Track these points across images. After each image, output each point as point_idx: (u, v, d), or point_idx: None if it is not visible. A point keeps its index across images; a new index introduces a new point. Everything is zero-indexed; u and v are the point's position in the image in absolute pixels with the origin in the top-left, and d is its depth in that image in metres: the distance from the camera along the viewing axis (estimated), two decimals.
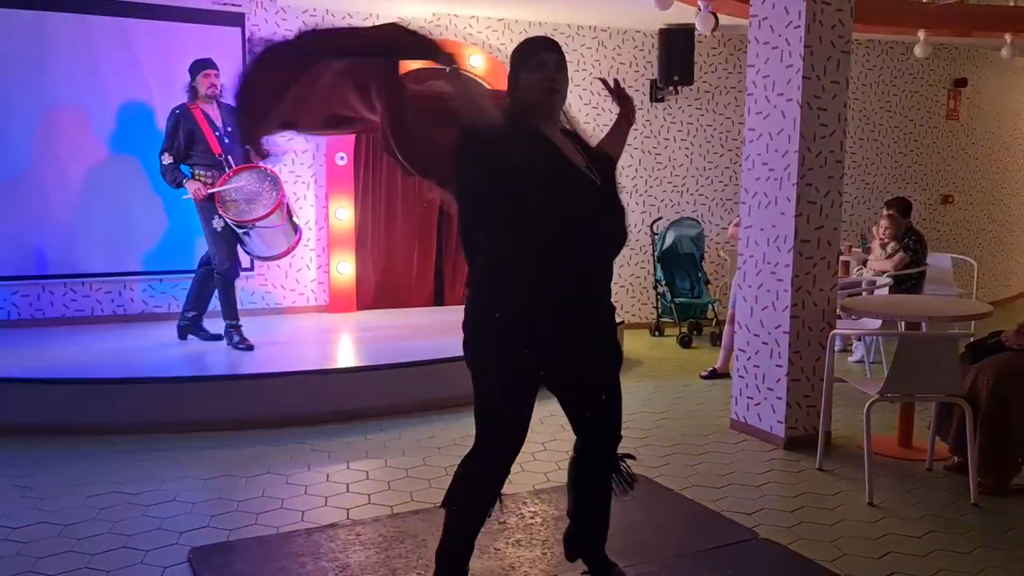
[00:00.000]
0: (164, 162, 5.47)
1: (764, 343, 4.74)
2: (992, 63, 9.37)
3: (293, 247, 5.79)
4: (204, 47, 6.19)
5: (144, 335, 6.05)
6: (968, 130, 9.49)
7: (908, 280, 6.58)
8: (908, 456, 4.49)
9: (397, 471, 4.22)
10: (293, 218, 5.74)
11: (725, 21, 6.64)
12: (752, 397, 4.84)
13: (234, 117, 5.26)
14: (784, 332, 4.60)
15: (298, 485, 4.02)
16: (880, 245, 6.85)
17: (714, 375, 6.16)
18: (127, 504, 3.76)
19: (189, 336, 5.87)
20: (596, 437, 2.87)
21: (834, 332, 4.60)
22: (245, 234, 5.52)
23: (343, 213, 7.01)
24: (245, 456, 4.41)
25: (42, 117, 6.19)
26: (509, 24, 7.42)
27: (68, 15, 6.16)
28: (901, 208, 6.83)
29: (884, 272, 6.57)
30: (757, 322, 4.78)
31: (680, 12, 6.56)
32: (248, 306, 6.64)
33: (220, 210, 5.40)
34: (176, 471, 4.17)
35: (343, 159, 6.95)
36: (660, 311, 7.82)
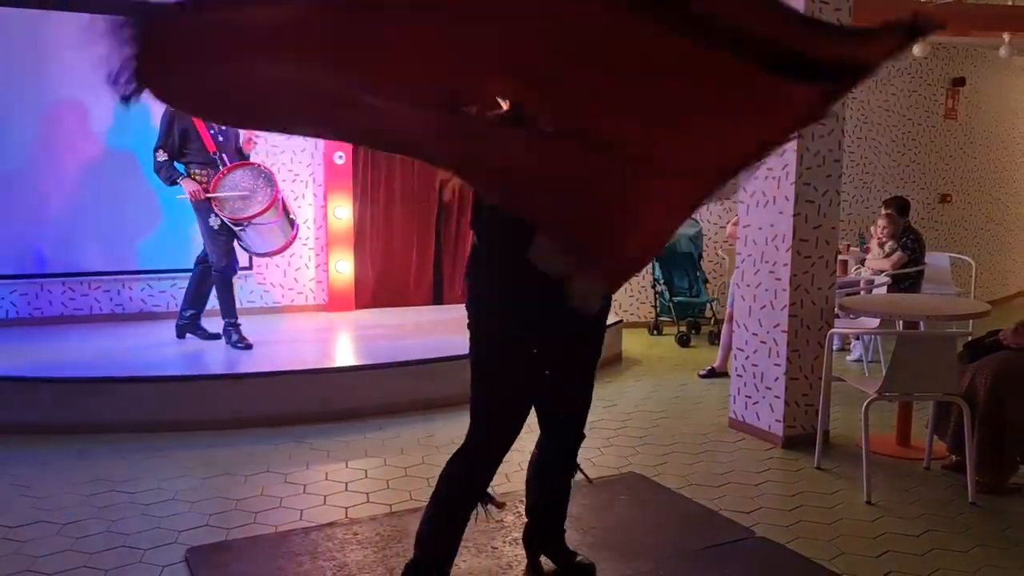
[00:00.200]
0: (158, 159, 5.47)
1: (762, 342, 4.74)
2: (990, 62, 9.37)
3: (290, 243, 5.79)
4: None
5: (143, 334, 6.05)
6: (966, 129, 9.49)
7: (906, 279, 6.59)
8: (906, 455, 4.50)
9: (396, 470, 4.22)
10: (290, 214, 5.74)
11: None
12: (750, 396, 4.84)
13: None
14: (782, 331, 4.60)
15: (297, 484, 4.02)
16: (878, 244, 6.85)
17: (712, 374, 6.16)
18: (126, 503, 3.76)
19: (188, 335, 5.87)
20: (557, 434, 2.98)
21: (832, 331, 4.60)
22: (242, 231, 5.52)
23: (342, 212, 7.00)
24: (244, 455, 4.41)
25: (41, 115, 6.19)
26: None
27: (66, 14, 6.15)
28: (899, 207, 6.83)
29: (882, 271, 6.58)
30: (755, 321, 4.79)
31: None
32: (247, 305, 6.64)
33: (216, 208, 5.40)
34: (174, 470, 4.17)
35: (341, 158, 6.95)
36: (658, 310, 7.82)
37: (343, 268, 7.07)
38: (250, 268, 6.78)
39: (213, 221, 5.48)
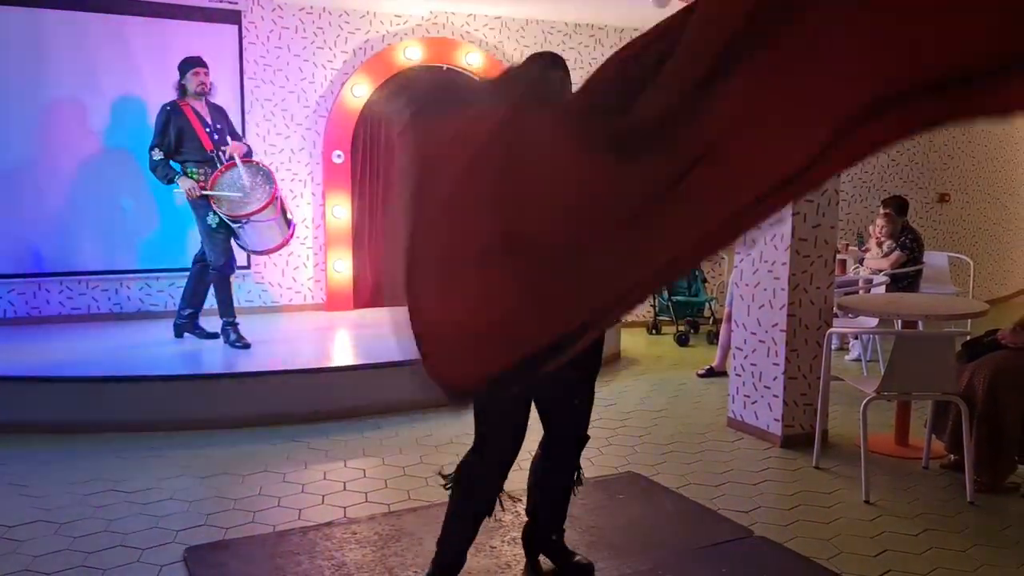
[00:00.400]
0: (154, 158, 5.47)
1: (761, 341, 4.74)
2: None
3: (287, 241, 5.79)
4: (201, 45, 6.19)
5: (141, 333, 6.05)
6: (965, 129, 9.48)
7: (904, 278, 6.59)
8: (904, 454, 4.50)
9: (394, 469, 4.22)
10: (287, 213, 5.74)
11: None
12: (749, 395, 4.84)
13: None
14: (781, 330, 4.60)
15: (295, 483, 4.02)
16: (876, 244, 6.86)
17: (711, 373, 6.16)
18: (124, 502, 3.76)
19: (186, 334, 5.87)
20: (559, 436, 3.00)
21: (831, 331, 4.60)
22: (240, 228, 5.52)
23: (340, 211, 7.00)
24: (242, 454, 4.40)
25: (39, 115, 6.18)
26: (506, 22, 7.41)
27: (65, 12, 6.15)
28: (898, 207, 6.83)
29: (881, 271, 6.58)
30: (754, 320, 4.79)
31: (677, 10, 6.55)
32: (245, 304, 6.64)
33: (214, 205, 5.40)
34: (173, 469, 4.17)
35: (340, 157, 6.95)
36: (657, 309, 7.83)
37: (341, 267, 7.06)
38: (248, 267, 6.78)
39: (211, 220, 5.47)
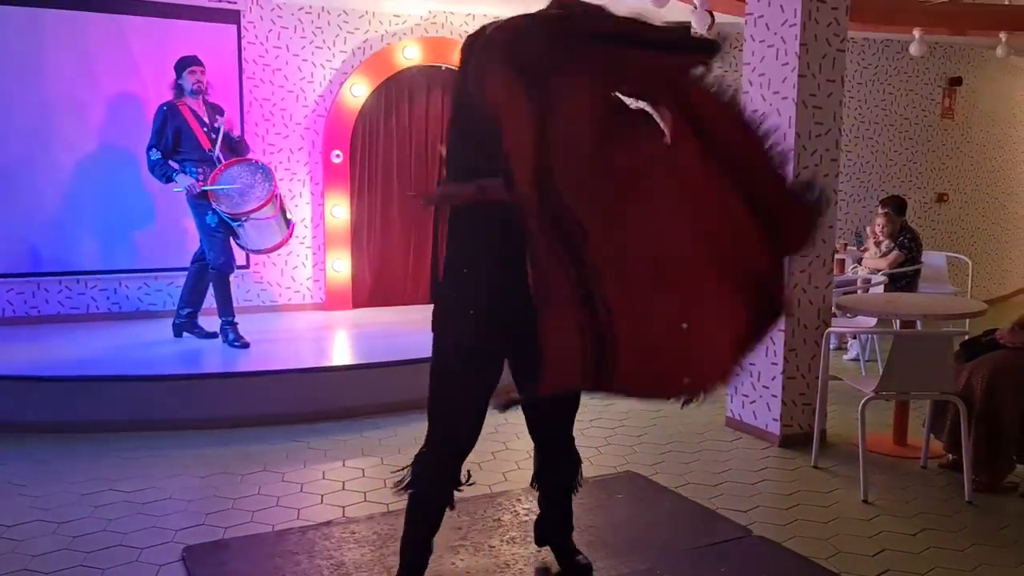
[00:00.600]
0: (152, 158, 5.47)
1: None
2: (987, 62, 9.38)
3: (286, 240, 5.79)
4: (200, 44, 6.19)
5: (139, 333, 6.04)
6: (963, 129, 9.50)
7: (903, 278, 6.59)
8: (903, 454, 4.50)
9: (393, 469, 4.21)
10: (286, 212, 5.74)
11: (721, 19, 6.64)
12: (747, 395, 4.84)
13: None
14: (779, 330, 4.60)
15: (294, 483, 4.02)
16: (875, 243, 6.86)
17: None
18: (122, 502, 3.76)
19: (185, 334, 5.86)
20: (543, 433, 3.02)
21: (829, 330, 4.60)
22: (239, 226, 5.52)
23: (339, 211, 7.00)
24: (240, 454, 4.40)
25: (38, 114, 6.18)
26: None
27: (63, 12, 6.14)
28: (896, 206, 6.84)
29: (879, 270, 6.58)
30: None
31: (676, 10, 6.55)
32: (244, 304, 6.63)
33: (213, 203, 5.40)
34: (171, 469, 4.17)
35: (339, 156, 6.94)
36: None
37: (340, 267, 7.06)
38: (247, 267, 6.78)
39: (210, 219, 5.47)
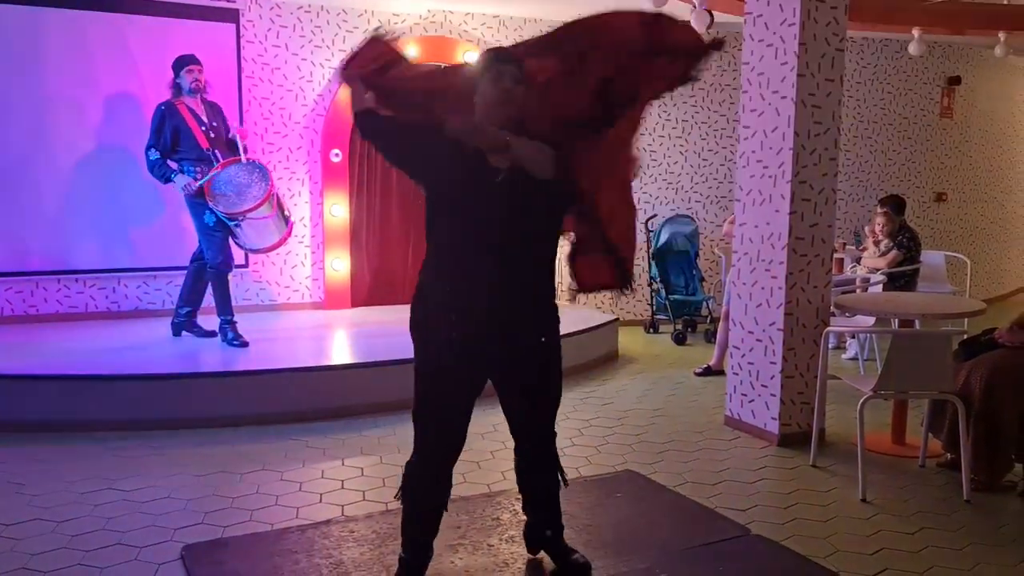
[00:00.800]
0: (151, 158, 5.47)
1: (758, 340, 4.75)
2: (986, 61, 9.39)
3: (284, 239, 5.79)
4: (199, 43, 6.19)
5: (138, 332, 6.04)
6: (962, 128, 9.51)
7: (901, 277, 6.60)
8: (901, 453, 4.51)
9: (392, 468, 4.22)
10: (284, 211, 5.74)
11: (720, 18, 6.64)
12: (746, 394, 4.85)
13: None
14: (778, 329, 4.61)
15: (293, 482, 4.02)
16: (873, 243, 6.87)
17: (708, 372, 6.17)
18: (121, 501, 3.76)
19: (183, 333, 5.87)
20: (522, 434, 3.01)
21: (828, 329, 4.61)
22: (236, 226, 5.51)
23: (338, 210, 7.00)
24: (239, 453, 4.40)
25: (36, 113, 6.17)
26: (504, 20, 7.41)
27: (62, 11, 6.14)
28: (895, 205, 6.84)
29: (878, 269, 6.59)
30: (751, 319, 4.79)
31: (675, 9, 6.54)
32: (243, 303, 6.64)
33: (211, 203, 5.39)
34: (170, 467, 4.17)
35: (338, 156, 6.94)
36: (655, 308, 7.83)
37: (339, 266, 7.06)
38: (246, 265, 6.77)
39: (208, 218, 5.47)
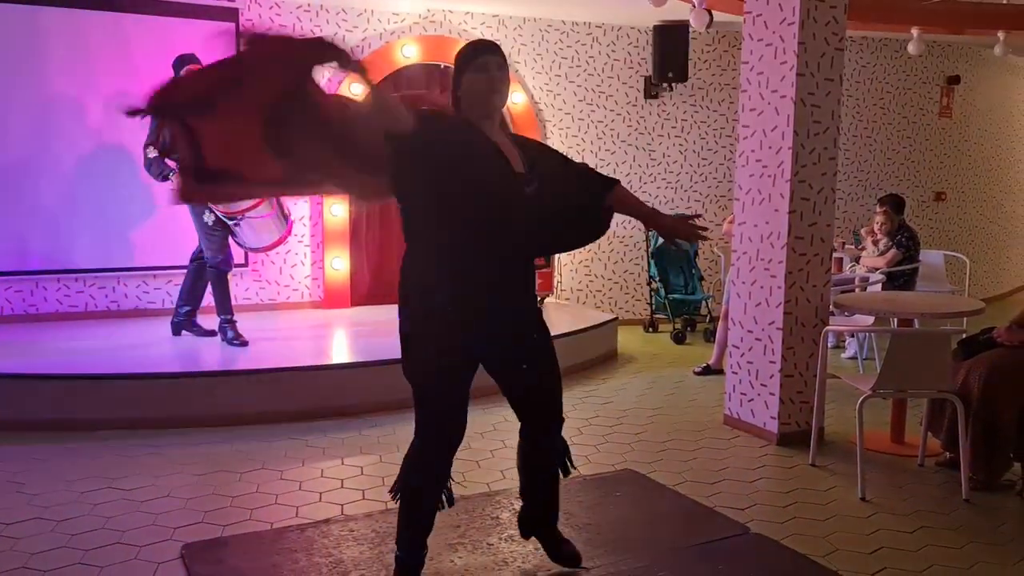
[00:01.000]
0: (149, 155, 5.47)
1: (757, 339, 4.75)
2: (985, 60, 9.39)
3: (284, 238, 5.79)
4: (198, 42, 6.18)
5: (138, 331, 6.04)
6: (961, 127, 9.51)
7: (901, 276, 6.60)
8: (900, 452, 4.51)
9: (391, 467, 4.20)
10: (284, 210, 5.74)
11: (719, 18, 6.65)
12: (745, 393, 4.85)
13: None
14: (777, 328, 4.61)
15: (292, 481, 4.02)
16: (872, 242, 6.87)
17: (708, 371, 6.17)
18: (121, 500, 3.76)
19: (183, 332, 5.87)
20: (534, 420, 3.00)
21: (827, 328, 4.61)
22: (235, 225, 5.52)
23: (337, 209, 7.00)
24: (239, 452, 4.41)
25: (36, 112, 6.17)
26: (504, 20, 7.42)
27: (62, 9, 6.14)
28: (894, 205, 6.84)
29: (877, 269, 6.59)
30: (751, 318, 4.80)
31: (675, 8, 6.56)
32: (242, 302, 6.64)
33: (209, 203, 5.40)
34: (170, 467, 4.17)
35: None
36: (654, 307, 7.84)
37: (339, 265, 7.06)
38: (246, 265, 6.77)
39: (207, 217, 5.48)
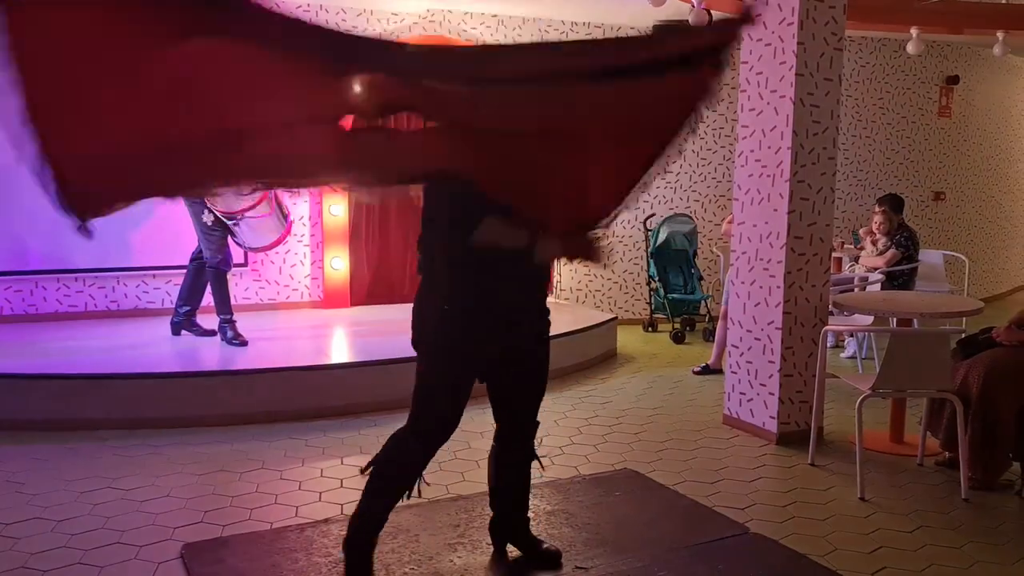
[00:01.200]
0: None
1: (757, 339, 4.75)
2: (984, 60, 9.40)
3: (283, 238, 5.79)
4: None
5: (137, 331, 6.04)
6: (960, 127, 9.52)
7: (900, 276, 6.61)
8: (899, 451, 4.52)
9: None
10: (283, 209, 5.74)
11: (719, 17, 6.65)
12: (745, 393, 4.85)
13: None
14: (776, 328, 4.61)
15: (292, 480, 4.02)
16: (871, 242, 6.87)
17: (707, 371, 6.17)
18: (120, 500, 3.76)
19: (183, 332, 5.87)
20: (514, 422, 3.08)
21: (826, 328, 4.61)
22: (235, 225, 5.52)
23: (337, 209, 7.00)
24: (239, 452, 4.41)
25: None
26: (503, 20, 7.42)
27: None
28: (893, 204, 6.85)
29: (876, 268, 6.60)
30: (750, 318, 4.80)
31: (674, 8, 6.56)
32: (242, 302, 6.64)
33: (208, 202, 5.40)
34: (170, 467, 4.17)
35: None
36: (653, 307, 7.84)
37: (338, 265, 7.06)
38: (245, 264, 6.78)
39: (207, 217, 5.48)
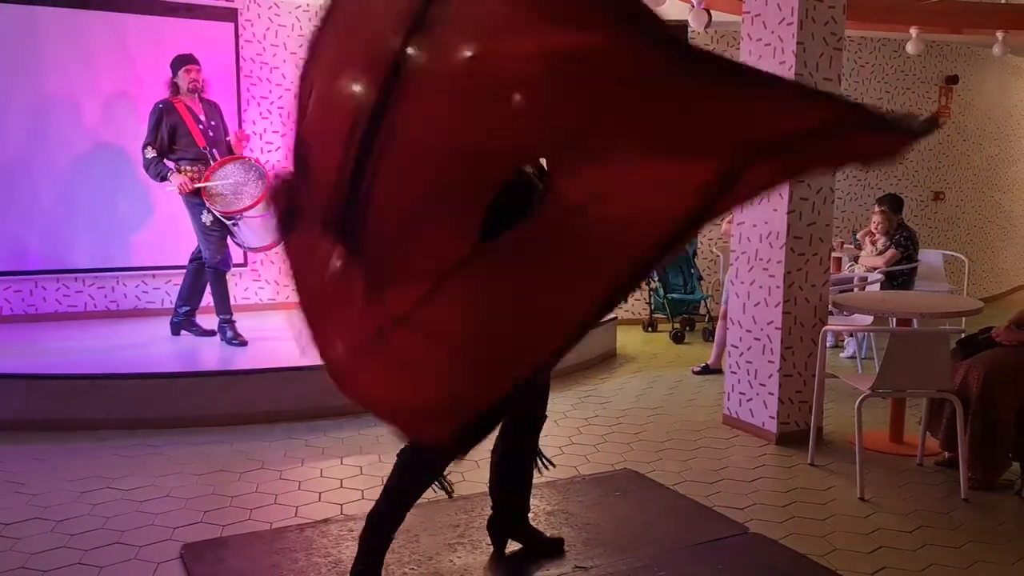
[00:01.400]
0: (147, 156, 5.48)
1: (756, 339, 4.75)
2: (984, 60, 9.40)
3: None
4: (197, 42, 6.19)
5: (137, 331, 6.04)
6: (960, 127, 9.52)
7: (899, 276, 6.61)
8: (899, 451, 4.52)
9: (390, 466, 4.21)
10: None
11: (718, 17, 6.65)
12: (744, 393, 4.86)
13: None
14: (776, 328, 4.61)
15: (291, 481, 4.02)
16: (871, 242, 6.88)
17: (706, 371, 6.18)
18: (120, 500, 3.76)
19: (182, 332, 5.87)
20: (531, 423, 3.12)
21: (826, 328, 4.62)
22: (234, 225, 5.52)
23: None
24: (238, 452, 4.41)
25: (34, 112, 6.17)
26: None
27: (61, 9, 6.14)
28: (893, 204, 6.85)
29: (875, 268, 6.60)
30: (749, 318, 4.80)
31: (674, 8, 6.56)
32: (241, 302, 6.64)
33: (208, 202, 5.40)
34: (169, 467, 4.17)
35: None
36: (653, 307, 7.84)
37: None
38: (245, 264, 6.78)
39: (205, 217, 5.48)
